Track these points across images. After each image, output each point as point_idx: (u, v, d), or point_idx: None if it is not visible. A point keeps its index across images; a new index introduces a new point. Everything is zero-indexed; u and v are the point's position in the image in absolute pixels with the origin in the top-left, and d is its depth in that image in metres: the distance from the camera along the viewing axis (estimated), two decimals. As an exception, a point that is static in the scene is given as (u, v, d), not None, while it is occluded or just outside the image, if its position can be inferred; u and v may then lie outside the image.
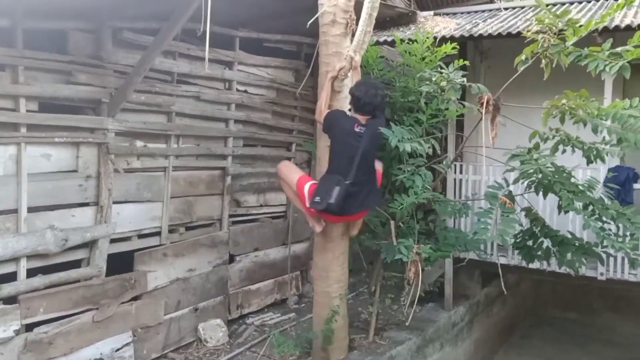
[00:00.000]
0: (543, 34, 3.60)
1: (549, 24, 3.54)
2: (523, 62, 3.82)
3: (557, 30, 3.60)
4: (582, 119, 3.81)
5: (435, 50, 5.16)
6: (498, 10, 7.29)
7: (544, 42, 3.57)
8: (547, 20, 3.54)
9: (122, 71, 4.45)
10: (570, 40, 3.60)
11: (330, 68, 4.50)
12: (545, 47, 3.57)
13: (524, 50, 3.79)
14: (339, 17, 4.46)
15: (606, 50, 3.42)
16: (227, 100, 5.71)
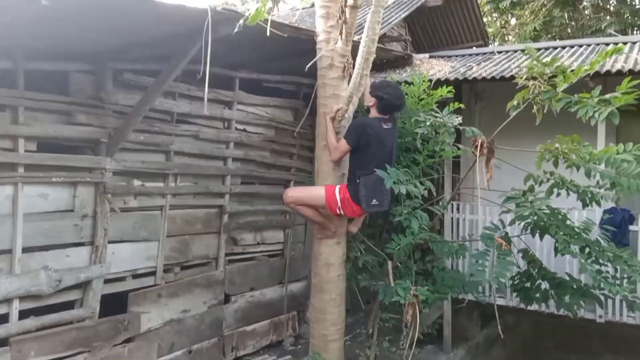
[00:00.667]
0: (534, 81, 3.66)
1: (539, 72, 3.61)
2: (515, 107, 3.88)
3: (547, 77, 3.66)
4: (575, 163, 3.85)
5: (431, 93, 5.24)
6: (492, 54, 7.43)
7: (535, 88, 3.63)
8: (536, 69, 3.61)
9: (121, 111, 4.51)
10: (561, 87, 3.66)
11: (327, 109, 4.57)
12: (536, 93, 3.63)
13: (516, 96, 3.85)
14: (337, 61, 4.55)
15: (595, 97, 3.48)
16: (226, 139, 5.76)
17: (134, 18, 3.41)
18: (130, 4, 3.10)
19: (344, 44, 4.49)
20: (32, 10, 2.68)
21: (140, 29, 3.75)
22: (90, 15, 3.25)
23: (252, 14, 3.66)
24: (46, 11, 2.82)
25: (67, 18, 3.22)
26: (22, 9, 2.74)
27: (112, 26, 3.67)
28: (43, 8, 2.64)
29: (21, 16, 2.98)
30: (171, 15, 3.57)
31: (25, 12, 2.82)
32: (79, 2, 2.80)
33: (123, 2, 2.99)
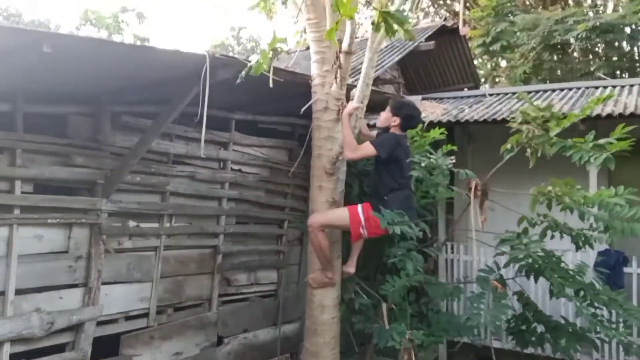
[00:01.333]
0: (527, 125, 3.75)
1: (533, 117, 3.69)
2: (508, 151, 3.95)
3: (541, 121, 3.75)
4: (569, 206, 3.90)
5: (425, 135, 5.32)
6: (483, 96, 7.59)
7: (529, 132, 3.71)
8: (532, 113, 3.70)
9: (118, 153, 4.54)
10: (554, 131, 3.74)
11: (322, 151, 4.65)
12: (530, 137, 3.70)
13: (509, 140, 3.93)
14: (331, 104, 4.64)
15: (589, 142, 3.56)
16: (221, 179, 5.78)
17: (132, 64, 3.49)
18: (129, 50, 3.17)
19: (338, 88, 4.59)
20: (34, 56, 2.73)
21: (138, 73, 3.83)
22: (90, 61, 3.32)
23: (254, 66, 3.74)
24: (47, 57, 2.88)
25: (67, 63, 3.29)
26: (24, 55, 2.80)
27: (111, 71, 3.74)
28: (44, 54, 2.70)
29: (22, 61, 3.04)
30: (170, 61, 3.65)
31: (27, 58, 2.88)
32: (80, 48, 2.86)
33: (122, 49, 3.05)
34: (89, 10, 23.60)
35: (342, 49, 4.42)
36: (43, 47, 2.59)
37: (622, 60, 10.52)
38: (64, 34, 2.71)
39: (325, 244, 4.48)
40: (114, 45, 3.04)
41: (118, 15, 24.68)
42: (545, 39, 11.09)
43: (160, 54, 3.37)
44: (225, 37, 26.73)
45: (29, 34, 2.63)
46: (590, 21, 10.19)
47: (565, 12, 11.16)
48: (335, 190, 4.68)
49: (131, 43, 3.14)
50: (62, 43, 2.68)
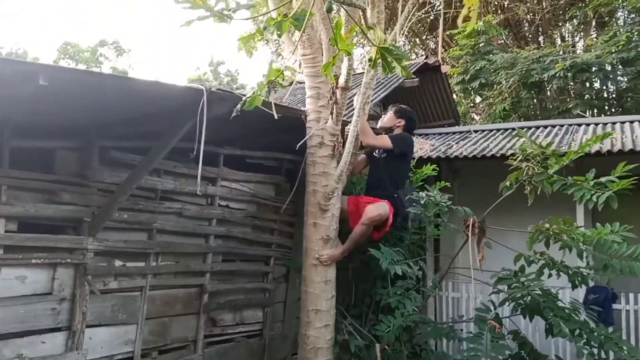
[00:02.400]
0: (527, 162, 3.74)
1: (534, 154, 3.69)
2: (507, 188, 3.94)
3: (540, 159, 3.75)
4: (568, 244, 3.88)
5: (417, 171, 5.31)
6: (468, 132, 7.66)
7: (528, 170, 3.70)
8: (534, 150, 3.70)
9: (106, 189, 4.38)
10: (553, 169, 3.74)
11: (317, 187, 4.57)
12: (530, 175, 3.69)
13: (509, 177, 3.92)
14: (327, 139, 4.59)
15: (590, 180, 3.56)
16: (208, 216, 5.64)
17: (128, 97, 3.38)
18: (127, 84, 3.08)
19: (334, 123, 4.56)
20: (28, 89, 2.61)
21: (132, 107, 3.72)
22: (82, 94, 3.21)
23: (249, 99, 3.67)
24: (39, 89, 2.77)
25: (57, 96, 3.17)
26: (18, 88, 2.68)
27: (103, 104, 3.63)
28: (37, 87, 2.58)
29: (13, 95, 2.91)
30: (165, 95, 3.56)
31: (21, 90, 2.76)
32: (76, 81, 2.75)
33: (121, 83, 2.96)
34: (68, 44, 23.39)
35: (338, 85, 4.40)
36: (39, 79, 2.47)
37: (597, 99, 10.81)
38: (61, 67, 2.60)
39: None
40: (115, 79, 2.94)
41: (97, 48, 24.51)
42: (523, 77, 11.36)
43: (157, 88, 3.27)
44: (203, 72, 26.78)
45: (25, 65, 2.52)
46: (567, 60, 10.48)
47: (542, 51, 11.48)
48: (329, 227, 4.59)
49: (131, 77, 3.03)
50: (60, 76, 2.57)
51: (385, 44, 3.69)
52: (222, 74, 27.07)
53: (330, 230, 4.60)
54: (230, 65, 37.33)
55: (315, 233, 4.55)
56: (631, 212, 4.89)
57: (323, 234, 4.54)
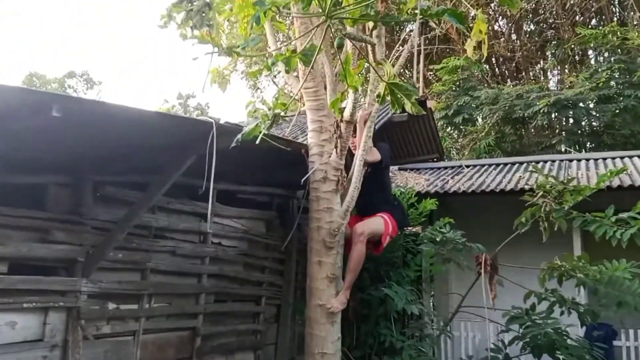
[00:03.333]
0: (544, 198, 3.66)
1: (550, 190, 3.62)
2: (523, 224, 3.84)
3: (556, 194, 3.68)
4: (584, 281, 3.78)
5: (419, 207, 5.21)
6: (460, 167, 7.64)
7: (546, 206, 3.62)
8: (555, 186, 3.62)
9: (100, 227, 4.15)
10: (568, 204, 3.67)
11: (321, 223, 4.42)
12: (548, 211, 3.61)
13: (524, 213, 3.83)
14: (330, 174, 4.47)
15: (610, 216, 3.49)
16: (202, 254, 5.41)
17: (136, 128, 3.21)
18: (139, 116, 2.91)
19: (338, 157, 4.44)
20: (36, 122, 2.43)
21: (134, 140, 3.55)
22: (89, 126, 3.03)
23: (250, 129, 3.54)
24: (46, 122, 2.59)
25: (60, 128, 2.99)
26: (26, 121, 2.49)
27: (105, 136, 3.45)
28: (48, 119, 2.40)
29: (17, 128, 2.72)
30: (172, 128, 3.40)
31: (29, 124, 2.57)
32: (90, 113, 2.58)
33: (135, 115, 2.79)
34: (34, 75, 22.90)
35: (343, 118, 4.30)
36: (52, 110, 2.29)
37: (579, 135, 11.00)
38: (75, 97, 2.42)
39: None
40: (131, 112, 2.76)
41: (64, 80, 24.00)
42: (506, 113, 11.51)
43: (168, 120, 3.12)
44: (172, 105, 26.56)
45: (35, 94, 2.33)
46: (551, 97, 10.67)
47: (524, 88, 11.68)
48: (334, 265, 4.42)
49: (145, 109, 2.88)
50: (74, 107, 2.39)
51: (395, 80, 3.63)
52: (191, 107, 26.89)
53: (336, 268, 4.42)
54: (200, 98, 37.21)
55: (319, 272, 4.37)
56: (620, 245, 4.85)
57: (328, 272, 4.37)
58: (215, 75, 5.42)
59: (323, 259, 4.39)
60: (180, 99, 26.98)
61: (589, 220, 3.59)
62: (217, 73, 5.43)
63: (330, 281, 4.35)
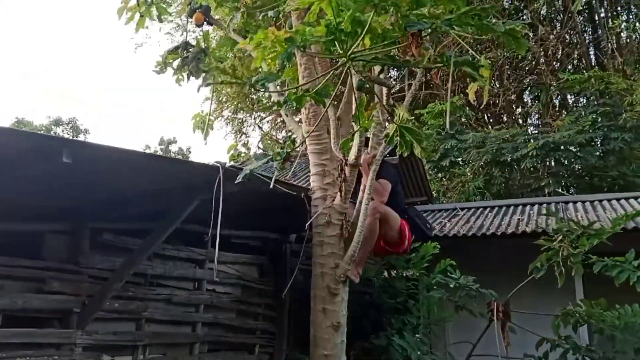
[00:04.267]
0: (561, 243, 3.60)
1: (570, 233, 3.57)
2: (538, 269, 3.77)
3: (573, 238, 3.62)
4: (601, 329, 3.69)
5: (420, 250, 5.11)
6: (455, 210, 7.61)
7: (563, 250, 3.55)
8: (575, 231, 3.57)
9: (97, 276, 3.98)
10: (584, 247, 3.61)
11: (325, 269, 4.30)
12: (565, 255, 3.54)
13: (540, 257, 3.76)
14: (334, 218, 4.37)
15: (631, 261, 3.44)
16: (196, 302, 5.22)
17: (140, 173, 3.10)
18: (145, 160, 2.81)
19: (342, 201, 4.36)
20: (46, 168, 2.31)
21: (140, 183, 3.43)
22: (94, 171, 2.91)
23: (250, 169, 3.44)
24: (53, 168, 2.47)
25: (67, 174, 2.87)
26: (35, 167, 2.37)
27: (108, 181, 3.33)
28: (58, 165, 2.29)
29: (24, 175, 2.59)
30: (177, 172, 3.30)
31: (38, 169, 2.45)
32: (101, 159, 2.47)
33: (141, 160, 2.69)
34: (20, 122, 22.67)
35: (348, 161, 4.24)
36: (63, 156, 2.18)
37: (567, 177, 11.15)
38: (87, 142, 2.31)
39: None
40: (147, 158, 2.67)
41: (51, 127, 23.81)
42: (494, 155, 11.62)
43: (173, 165, 3.02)
44: (154, 150, 26.40)
45: (46, 139, 2.22)
46: (539, 140, 10.84)
47: (511, 131, 11.87)
48: (339, 313, 4.28)
49: (157, 154, 2.78)
50: (85, 153, 2.29)
51: (408, 123, 3.60)
52: (173, 152, 26.74)
53: (341, 316, 4.27)
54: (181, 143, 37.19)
55: (324, 320, 4.21)
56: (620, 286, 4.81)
57: (333, 320, 4.21)
58: (197, 121, 5.38)
59: (328, 306, 4.25)
60: (162, 144, 26.85)
61: (610, 265, 3.53)
62: (200, 118, 5.40)
63: (335, 330, 4.20)
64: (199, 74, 5.40)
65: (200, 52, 5.51)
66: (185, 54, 5.41)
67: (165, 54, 5.58)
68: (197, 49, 5.48)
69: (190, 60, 5.40)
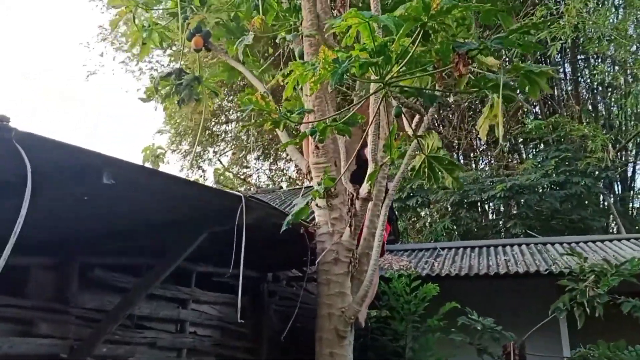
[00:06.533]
0: (584, 282, 3.50)
1: (596, 273, 3.48)
2: (561, 310, 3.64)
3: (594, 278, 3.54)
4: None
5: (418, 293, 4.93)
6: (436, 250, 7.51)
7: (588, 290, 3.45)
8: (605, 271, 3.48)
9: (86, 317, 3.56)
10: (604, 287, 3.53)
11: (333, 310, 4.02)
12: (591, 296, 3.44)
13: (561, 298, 3.64)
14: (342, 255, 4.13)
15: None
16: (180, 345, 4.80)
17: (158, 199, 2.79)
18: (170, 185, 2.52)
19: (351, 237, 4.13)
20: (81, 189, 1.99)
21: (148, 212, 3.10)
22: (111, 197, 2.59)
23: (296, 212, 3.20)
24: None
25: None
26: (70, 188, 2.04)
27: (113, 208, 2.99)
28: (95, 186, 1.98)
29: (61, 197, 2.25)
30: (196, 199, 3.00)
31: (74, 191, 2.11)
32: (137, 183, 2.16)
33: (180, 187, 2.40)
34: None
35: (359, 195, 4.04)
36: (103, 177, 1.87)
37: (531, 219, 11.38)
38: (129, 162, 2.00)
39: None
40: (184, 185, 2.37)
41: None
42: (462, 196, 11.74)
43: (193, 190, 2.74)
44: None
45: (86, 155, 1.89)
46: (506, 182, 11.04)
47: (478, 172, 12.05)
48: (347, 357, 3.99)
49: (176, 175, 2.49)
50: (127, 175, 1.98)
51: (439, 153, 3.45)
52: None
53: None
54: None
55: (330, 365, 3.91)
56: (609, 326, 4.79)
57: (342, 365, 3.92)
58: (148, 154, 5.12)
59: (336, 350, 3.95)
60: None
61: (638, 306, 3.45)
62: (150, 151, 5.14)
63: None
64: (191, 102, 5.16)
65: (194, 79, 5.28)
66: (178, 81, 5.16)
67: (157, 80, 5.31)
68: (191, 77, 5.25)
69: (184, 87, 5.16)
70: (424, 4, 2.18)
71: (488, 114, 3.73)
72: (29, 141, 1.64)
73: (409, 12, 2.23)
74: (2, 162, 1.77)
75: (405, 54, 2.61)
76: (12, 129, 1.60)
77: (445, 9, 2.24)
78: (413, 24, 2.33)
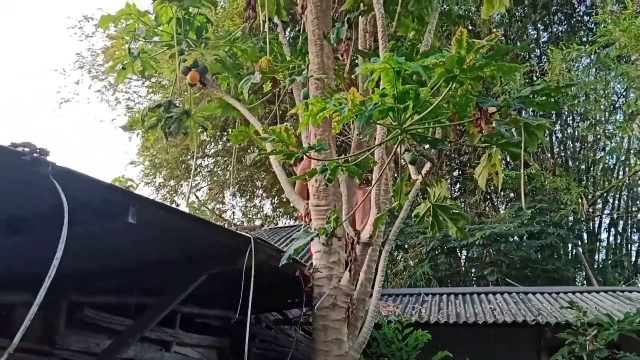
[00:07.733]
0: (584, 336, 3.45)
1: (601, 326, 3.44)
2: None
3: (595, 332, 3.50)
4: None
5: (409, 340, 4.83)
6: (419, 295, 7.43)
7: (588, 344, 3.41)
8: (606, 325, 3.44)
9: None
10: (603, 341, 3.49)
11: (330, 357, 3.89)
12: (592, 350, 3.39)
13: (561, 351, 3.59)
14: (340, 300, 4.03)
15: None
16: (162, 396, 4.56)
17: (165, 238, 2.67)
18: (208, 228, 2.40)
19: (349, 282, 4.03)
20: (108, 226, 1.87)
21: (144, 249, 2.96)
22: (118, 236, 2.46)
23: (297, 247, 3.11)
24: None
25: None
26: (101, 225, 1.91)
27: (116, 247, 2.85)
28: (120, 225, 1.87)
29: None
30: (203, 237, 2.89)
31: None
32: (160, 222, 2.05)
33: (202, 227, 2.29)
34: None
35: (359, 239, 3.96)
36: (128, 216, 1.76)
37: (509, 267, 11.44)
38: (154, 201, 1.89)
39: None
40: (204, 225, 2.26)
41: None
42: (441, 242, 11.74)
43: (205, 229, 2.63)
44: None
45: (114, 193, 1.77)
46: (485, 230, 11.11)
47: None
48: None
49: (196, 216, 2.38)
50: (151, 213, 1.87)
51: (445, 201, 3.42)
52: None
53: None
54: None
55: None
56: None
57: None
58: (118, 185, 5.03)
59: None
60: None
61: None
62: (120, 184, 5.04)
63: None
64: (179, 135, 5.07)
65: (183, 113, 5.21)
66: (167, 114, 5.08)
67: (145, 111, 5.21)
68: (181, 110, 5.17)
69: (173, 120, 5.07)
70: (459, 56, 2.17)
71: (486, 164, 3.74)
72: (65, 177, 1.53)
73: (442, 62, 2.22)
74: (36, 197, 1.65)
75: (426, 103, 2.61)
76: (50, 163, 1.50)
77: (478, 65, 2.24)
78: (445, 75, 2.32)
